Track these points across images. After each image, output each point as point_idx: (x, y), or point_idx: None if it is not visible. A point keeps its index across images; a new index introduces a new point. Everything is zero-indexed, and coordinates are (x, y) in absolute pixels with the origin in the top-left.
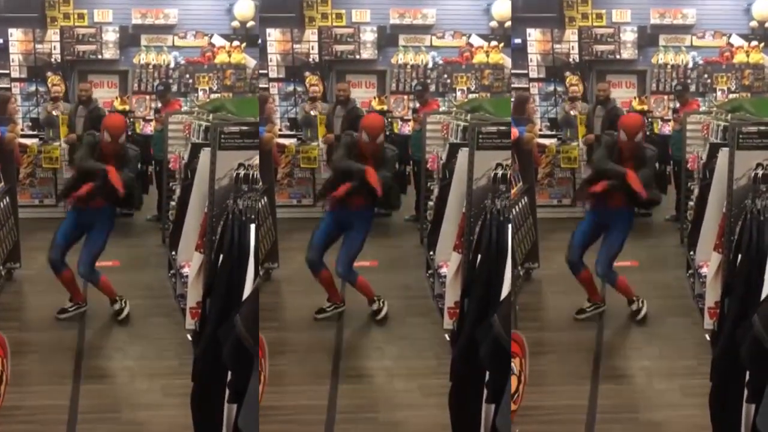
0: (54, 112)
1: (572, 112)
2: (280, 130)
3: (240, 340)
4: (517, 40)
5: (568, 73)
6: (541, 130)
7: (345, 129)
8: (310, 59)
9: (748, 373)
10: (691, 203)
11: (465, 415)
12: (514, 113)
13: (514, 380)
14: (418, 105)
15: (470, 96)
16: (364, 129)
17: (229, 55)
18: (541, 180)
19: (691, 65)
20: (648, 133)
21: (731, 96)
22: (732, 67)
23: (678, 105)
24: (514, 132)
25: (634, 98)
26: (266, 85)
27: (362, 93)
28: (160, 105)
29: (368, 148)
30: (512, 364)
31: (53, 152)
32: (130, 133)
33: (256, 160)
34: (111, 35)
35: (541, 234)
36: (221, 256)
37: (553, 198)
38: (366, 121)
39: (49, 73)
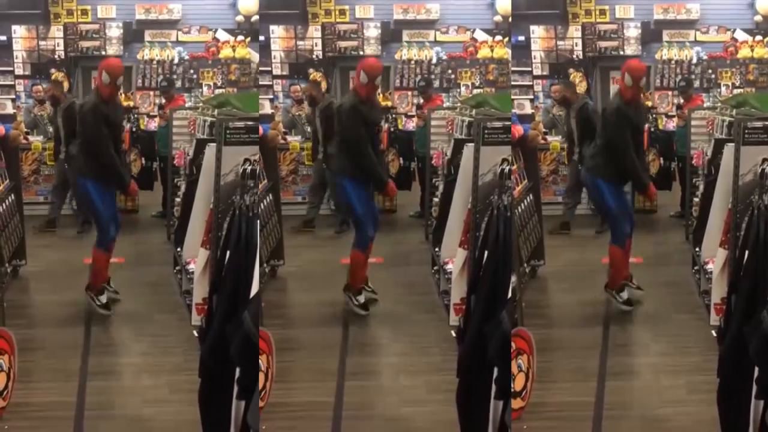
0: (39, 114)
1: (558, 114)
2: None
3: (248, 336)
4: (521, 38)
5: (571, 70)
6: (545, 127)
7: (324, 127)
8: (314, 56)
9: (756, 369)
10: (697, 199)
11: (472, 412)
12: None
13: (521, 377)
14: (422, 101)
15: (475, 91)
16: (362, 70)
17: (234, 50)
18: (546, 177)
19: (695, 61)
20: (652, 129)
21: (736, 91)
22: (736, 62)
23: (682, 101)
24: (519, 130)
25: None
26: (269, 83)
27: None
28: (164, 101)
29: (365, 90)
30: (520, 360)
31: None
32: (134, 129)
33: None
34: (114, 31)
35: (547, 231)
36: (227, 252)
37: (558, 195)
38: (363, 62)
39: (52, 70)
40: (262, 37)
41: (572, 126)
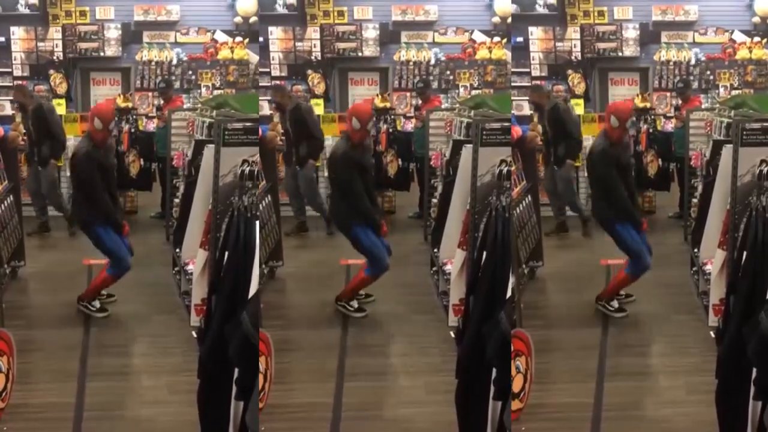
0: None
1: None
2: None
3: (247, 337)
4: (519, 39)
5: (570, 71)
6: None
7: (294, 130)
8: (312, 57)
9: (755, 370)
10: (695, 200)
11: (471, 413)
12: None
13: (520, 378)
14: (420, 102)
15: (473, 92)
16: (354, 116)
17: (232, 51)
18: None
19: (693, 62)
20: (651, 130)
21: (734, 92)
22: (734, 63)
23: (680, 102)
24: (518, 131)
25: (637, 95)
26: (268, 84)
27: (364, 90)
28: (162, 102)
29: (357, 135)
30: (518, 362)
31: None
32: (132, 130)
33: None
34: (113, 32)
35: (543, 232)
36: (226, 252)
37: None
38: (354, 108)
39: (51, 71)
40: (261, 39)
41: (546, 129)
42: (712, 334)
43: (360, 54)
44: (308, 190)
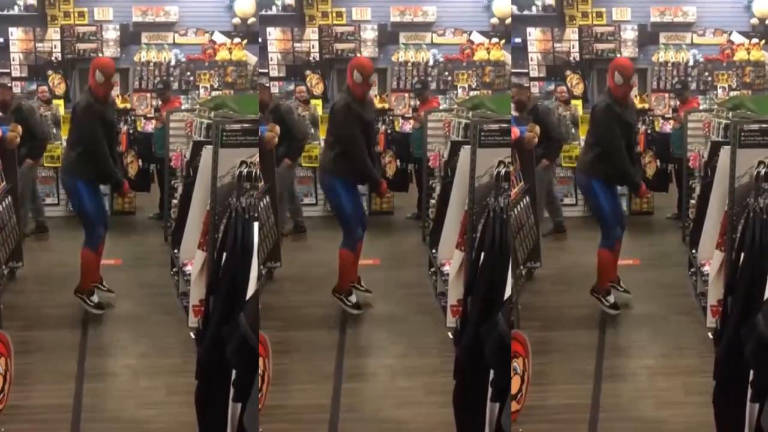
0: (44, 115)
1: (564, 114)
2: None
3: (244, 338)
4: (517, 40)
5: (568, 72)
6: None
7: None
8: (311, 58)
9: (752, 371)
10: (693, 201)
11: (469, 414)
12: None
13: (517, 380)
14: (418, 103)
15: (471, 93)
16: (355, 69)
17: (230, 52)
18: None
19: (691, 63)
20: (649, 131)
21: (732, 94)
22: (733, 64)
23: (678, 104)
24: (515, 131)
25: (635, 96)
26: (266, 84)
27: None
28: (160, 103)
29: (360, 90)
30: (515, 363)
31: (55, 151)
32: (131, 131)
33: (257, 158)
34: (111, 33)
35: (541, 233)
36: (224, 254)
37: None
38: (355, 61)
39: (49, 72)
40: (259, 39)
41: None
42: (709, 335)
43: (358, 55)
44: (283, 190)
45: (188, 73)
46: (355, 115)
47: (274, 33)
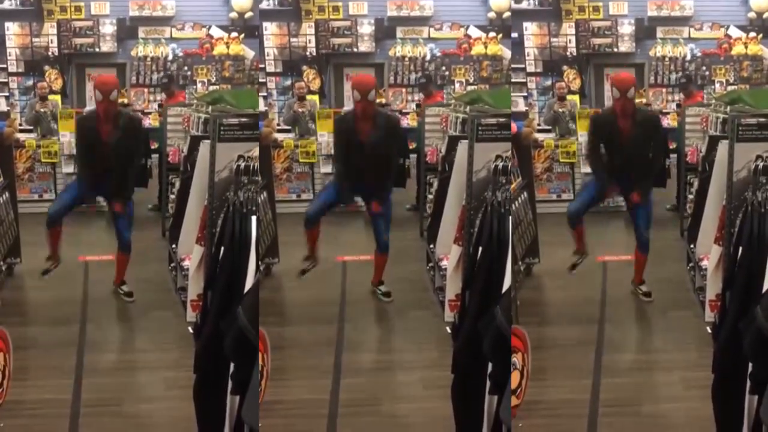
0: (42, 110)
1: (561, 110)
2: (278, 124)
3: (242, 332)
4: (514, 34)
5: (565, 67)
6: (539, 124)
7: None
8: (308, 53)
9: (750, 364)
10: (691, 196)
11: (468, 407)
12: None
13: (516, 375)
14: (422, 97)
15: (469, 88)
16: (353, 88)
17: (228, 47)
18: (540, 175)
19: (689, 57)
20: None
21: (730, 88)
22: (730, 58)
23: (682, 98)
24: (513, 127)
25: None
26: (263, 80)
27: None
28: (165, 97)
29: (359, 107)
30: (515, 358)
31: (52, 147)
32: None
33: (256, 152)
34: (108, 28)
35: (541, 229)
36: (222, 248)
37: (553, 193)
38: (354, 79)
39: (46, 67)
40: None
41: None
42: (708, 329)
43: (355, 50)
44: None
45: (185, 68)
46: (341, 130)
47: (270, 28)
